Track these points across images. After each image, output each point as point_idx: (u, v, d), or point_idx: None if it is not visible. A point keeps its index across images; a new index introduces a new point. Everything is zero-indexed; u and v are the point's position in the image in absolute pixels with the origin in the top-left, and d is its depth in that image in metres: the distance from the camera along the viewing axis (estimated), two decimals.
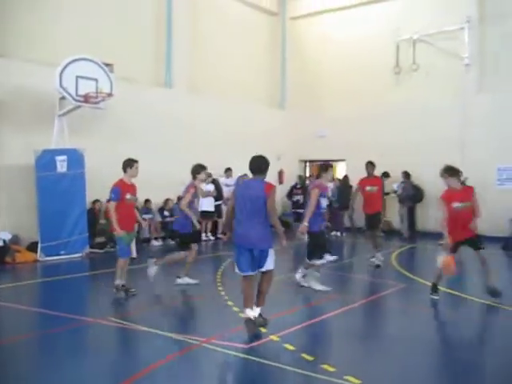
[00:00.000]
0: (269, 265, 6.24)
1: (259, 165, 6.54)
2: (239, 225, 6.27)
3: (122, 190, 8.11)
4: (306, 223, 8.18)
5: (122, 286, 8.16)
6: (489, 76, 15.85)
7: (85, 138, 12.64)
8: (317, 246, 8.54)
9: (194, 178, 9.16)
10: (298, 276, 8.80)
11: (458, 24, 15.94)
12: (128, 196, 8.19)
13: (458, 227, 7.67)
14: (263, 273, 6.31)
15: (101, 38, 13.81)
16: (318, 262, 8.55)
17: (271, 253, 6.26)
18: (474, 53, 15.90)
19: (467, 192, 7.97)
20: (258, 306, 6.30)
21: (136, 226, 9.03)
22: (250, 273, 6.23)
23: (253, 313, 6.20)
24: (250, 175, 6.67)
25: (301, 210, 14.14)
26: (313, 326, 6.66)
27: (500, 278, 10.63)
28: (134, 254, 10.07)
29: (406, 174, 15.91)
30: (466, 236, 7.80)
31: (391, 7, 17.49)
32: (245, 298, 6.27)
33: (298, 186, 16.67)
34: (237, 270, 6.28)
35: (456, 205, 7.69)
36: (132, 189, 8.36)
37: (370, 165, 11.29)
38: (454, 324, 7.15)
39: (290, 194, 16.83)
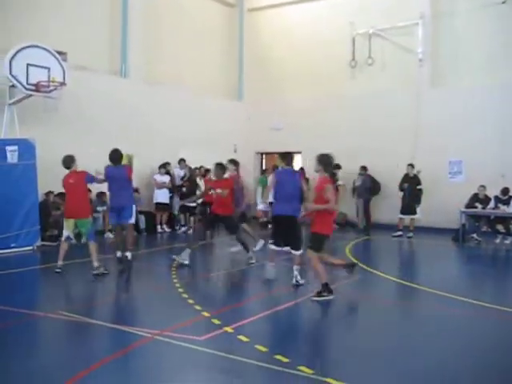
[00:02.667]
0: None
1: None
2: None
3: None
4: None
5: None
6: (441, 71, 16.23)
7: (36, 128, 12.26)
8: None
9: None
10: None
11: (412, 20, 16.26)
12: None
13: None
14: None
15: (54, 25, 13.47)
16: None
17: None
18: (427, 48, 16.25)
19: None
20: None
21: None
22: None
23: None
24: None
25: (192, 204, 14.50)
26: (267, 317, 6.68)
27: (445, 267, 10.98)
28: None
29: (364, 167, 16.12)
30: None
31: (347, 1, 17.63)
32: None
33: (185, 179, 15.41)
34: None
35: None
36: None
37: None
38: (404, 312, 7.32)
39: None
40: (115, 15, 15.39)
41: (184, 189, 15.23)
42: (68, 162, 9.19)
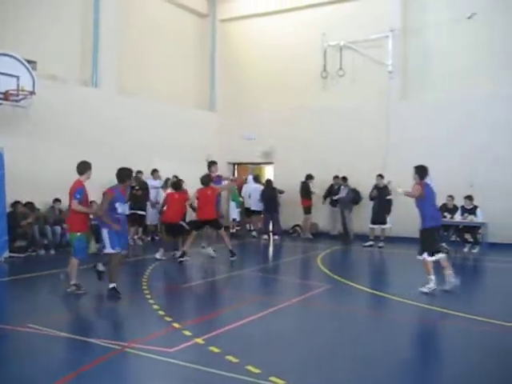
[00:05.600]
0: None
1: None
2: None
3: (84, 191, 8.66)
4: None
5: (74, 284, 8.38)
6: (411, 84, 16.54)
7: (4, 137, 12.03)
8: None
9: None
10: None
11: (382, 33, 16.51)
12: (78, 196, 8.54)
13: None
14: None
15: (24, 34, 13.31)
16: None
17: None
18: (397, 61, 16.52)
19: None
20: None
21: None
22: None
23: None
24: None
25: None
26: (239, 328, 6.67)
27: (413, 276, 11.13)
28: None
29: (344, 178, 16.26)
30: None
31: (319, 13, 17.86)
32: None
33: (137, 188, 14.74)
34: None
35: None
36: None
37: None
38: (376, 322, 7.38)
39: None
40: (87, 25, 15.26)
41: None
42: (82, 168, 8.76)
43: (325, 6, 17.80)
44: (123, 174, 8.59)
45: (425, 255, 8.83)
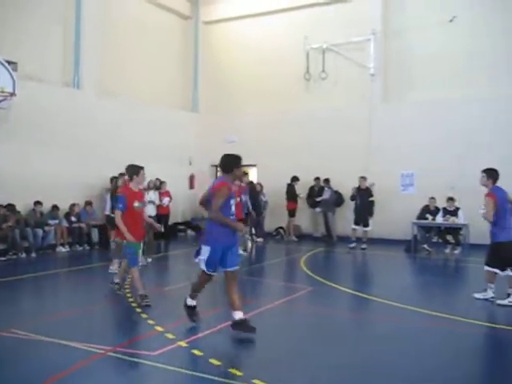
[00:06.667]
0: None
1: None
2: None
3: (128, 199, 7.71)
4: None
5: (142, 295, 7.77)
6: (392, 86, 16.68)
7: None
8: None
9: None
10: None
11: (364, 36, 16.62)
12: (136, 204, 7.80)
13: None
14: None
15: (4, 34, 13.18)
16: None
17: None
18: (379, 64, 16.64)
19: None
20: None
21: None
22: None
23: None
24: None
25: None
26: (222, 330, 6.65)
27: (396, 278, 11.20)
28: (144, 262, 8.89)
29: (327, 180, 16.32)
30: None
31: (301, 16, 17.93)
32: None
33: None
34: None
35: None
36: (139, 196, 8.00)
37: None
38: (359, 323, 7.42)
39: None
40: (68, 25, 15.14)
41: None
42: (129, 172, 8.02)
43: (307, 9, 17.88)
44: (231, 160, 6.84)
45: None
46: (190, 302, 6.81)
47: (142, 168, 7.98)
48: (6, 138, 12.63)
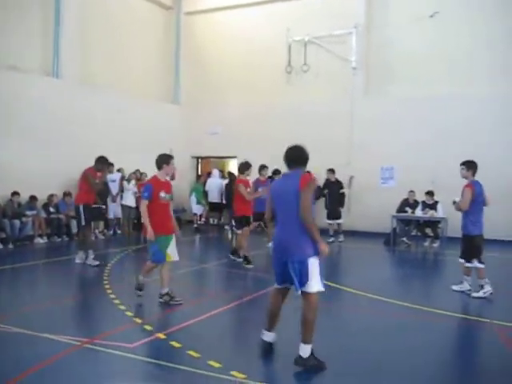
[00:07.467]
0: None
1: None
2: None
3: (154, 188, 7.30)
4: None
5: (166, 294, 7.50)
6: (374, 80, 16.72)
7: None
8: None
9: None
10: None
11: (346, 29, 16.63)
12: (162, 194, 7.36)
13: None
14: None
15: None
16: None
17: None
18: (361, 57, 16.68)
19: None
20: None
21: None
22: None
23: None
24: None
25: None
26: (200, 322, 6.63)
27: (374, 270, 11.28)
28: (177, 258, 8.21)
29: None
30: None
31: (283, 8, 17.84)
32: None
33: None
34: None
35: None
36: (167, 186, 7.51)
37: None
38: (337, 315, 7.45)
39: None
40: (48, 14, 14.87)
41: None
42: (159, 161, 7.51)
43: (290, 1, 17.80)
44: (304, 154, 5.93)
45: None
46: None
47: (172, 157, 7.56)
48: None
